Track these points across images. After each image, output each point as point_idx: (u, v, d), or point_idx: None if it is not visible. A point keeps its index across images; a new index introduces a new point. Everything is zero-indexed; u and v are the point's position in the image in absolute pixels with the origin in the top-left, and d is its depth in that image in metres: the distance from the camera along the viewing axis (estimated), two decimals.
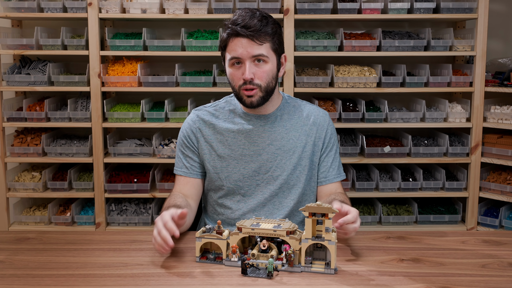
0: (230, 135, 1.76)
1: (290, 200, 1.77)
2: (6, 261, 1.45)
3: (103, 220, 2.97)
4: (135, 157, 2.97)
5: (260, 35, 1.63)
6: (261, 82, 1.66)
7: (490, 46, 3.17)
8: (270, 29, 1.66)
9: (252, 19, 1.63)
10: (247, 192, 1.77)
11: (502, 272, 1.39)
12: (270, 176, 1.76)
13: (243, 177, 1.76)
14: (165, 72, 3.16)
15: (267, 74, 1.67)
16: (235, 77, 1.68)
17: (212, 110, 1.82)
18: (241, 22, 1.63)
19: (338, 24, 3.19)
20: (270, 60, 1.67)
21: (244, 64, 1.65)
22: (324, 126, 1.81)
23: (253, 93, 1.66)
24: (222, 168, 1.77)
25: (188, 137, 1.80)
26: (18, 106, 3.05)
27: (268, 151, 1.75)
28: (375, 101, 3.14)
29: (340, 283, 1.31)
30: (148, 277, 1.34)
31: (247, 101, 1.68)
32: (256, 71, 1.65)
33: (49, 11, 2.88)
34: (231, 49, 1.65)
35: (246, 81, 1.64)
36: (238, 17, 1.65)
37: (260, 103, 1.69)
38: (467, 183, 3.00)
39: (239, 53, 1.64)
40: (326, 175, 1.81)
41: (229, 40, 1.66)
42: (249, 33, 1.62)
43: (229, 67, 1.69)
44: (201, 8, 2.87)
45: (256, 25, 1.63)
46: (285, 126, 1.78)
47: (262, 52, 1.64)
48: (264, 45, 1.64)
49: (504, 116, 2.89)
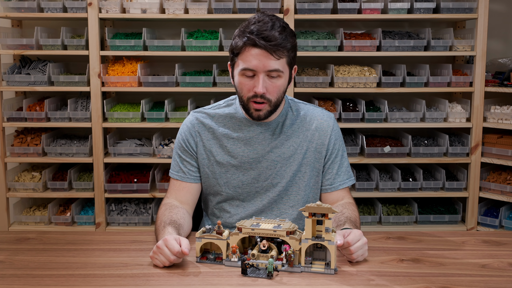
0: (229, 141, 1.72)
1: (289, 208, 1.75)
2: (6, 261, 1.45)
3: (103, 220, 2.97)
4: (135, 157, 2.97)
5: (278, 50, 1.55)
6: (272, 97, 1.60)
7: (490, 46, 3.16)
8: (290, 44, 1.58)
9: (272, 31, 1.54)
10: (246, 198, 1.74)
11: (502, 272, 1.39)
12: (270, 184, 1.72)
13: (242, 184, 1.73)
14: (165, 72, 3.16)
15: (279, 90, 1.61)
16: (244, 88, 1.60)
17: (212, 113, 1.75)
18: (261, 32, 1.54)
19: (338, 24, 3.19)
20: (283, 75, 1.60)
21: (257, 77, 1.57)
22: (328, 132, 1.74)
23: (262, 107, 1.61)
24: (221, 174, 1.73)
25: (186, 140, 1.75)
26: (18, 106, 3.05)
27: (268, 158, 1.71)
28: (375, 101, 3.14)
29: (340, 283, 1.31)
30: (148, 277, 1.34)
31: (254, 114, 1.63)
32: (269, 86, 1.58)
33: (49, 11, 2.88)
34: (246, 59, 1.57)
35: (258, 95, 1.58)
36: (256, 25, 1.56)
37: (267, 116, 1.65)
38: (467, 183, 3.00)
39: (253, 65, 1.56)
40: (332, 182, 1.75)
41: (244, 48, 1.57)
42: (269, 46, 1.54)
43: (239, 75, 1.61)
44: (201, 8, 2.87)
45: (277, 39, 1.54)
46: (286, 133, 1.73)
47: (278, 67, 1.57)
48: (281, 59, 1.57)
49: (504, 116, 2.89)
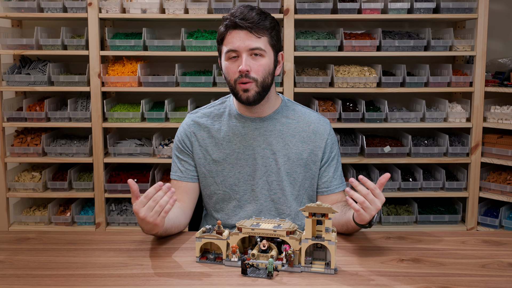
0: (225, 138, 1.74)
1: (286, 207, 1.75)
2: (6, 261, 1.45)
3: (103, 220, 2.97)
4: (135, 157, 2.97)
5: (258, 28, 1.62)
6: (257, 76, 1.64)
7: (490, 46, 3.16)
8: (269, 23, 1.65)
9: (251, 13, 1.63)
10: (242, 197, 1.75)
11: (502, 272, 1.38)
12: (265, 181, 1.74)
13: (238, 181, 1.74)
14: (165, 72, 3.16)
15: (264, 68, 1.65)
16: (230, 71, 1.65)
17: (207, 112, 1.80)
18: (239, 14, 1.63)
19: (338, 24, 3.19)
20: (267, 55, 1.65)
21: (240, 57, 1.63)
22: (324, 136, 1.77)
23: (248, 87, 1.64)
24: (217, 172, 1.75)
25: (182, 141, 1.79)
26: (18, 106, 3.05)
27: (263, 155, 1.73)
28: (375, 101, 3.14)
29: (340, 283, 1.31)
30: (148, 277, 1.34)
31: (243, 96, 1.66)
32: (253, 64, 1.63)
33: (49, 11, 2.88)
34: (228, 42, 1.64)
35: (242, 74, 1.62)
36: (236, 10, 1.65)
37: (257, 99, 1.66)
38: (467, 183, 3.00)
39: (236, 46, 1.62)
40: (329, 185, 1.78)
41: (226, 32, 1.65)
42: (248, 24, 1.61)
43: (225, 60, 1.66)
44: (201, 8, 2.87)
45: (255, 18, 1.62)
46: (282, 130, 1.75)
47: (259, 45, 1.63)
48: (261, 38, 1.63)
49: (504, 116, 2.89)
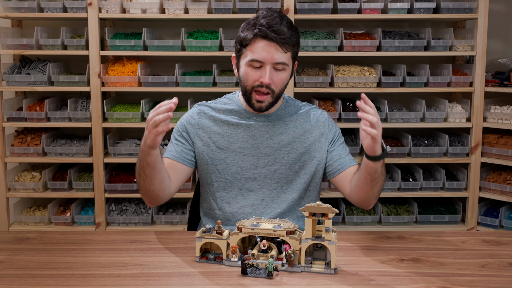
0: (230, 127, 1.77)
1: (288, 195, 1.77)
2: (6, 261, 1.45)
3: (103, 220, 2.97)
4: (135, 157, 2.94)
5: (287, 43, 1.64)
6: (275, 88, 1.68)
7: (490, 46, 3.16)
8: (295, 39, 1.68)
9: (281, 26, 1.63)
10: (244, 185, 1.77)
11: (502, 272, 1.39)
12: (268, 170, 1.76)
13: (241, 169, 1.76)
14: (165, 72, 3.16)
15: (283, 82, 1.69)
16: (250, 78, 1.67)
17: (213, 106, 1.83)
18: (271, 26, 1.62)
19: (338, 24, 3.19)
20: (288, 68, 1.69)
21: (264, 68, 1.65)
22: (326, 123, 1.82)
23: (264, 99, 1.68)
24: (220, 160, 1.77)
25: (185, 127, 1.80)
26: (18, 106, 3.05)
27: (266, 145, 1.76)
28: (375, 101, 3.13)
29: (340, 283, 1.31)
30: (148, 277, 1.34)
31: (256, 105, 1.71)
32: (274, 77, 1.66)
33: (49, 11, 2.88)
34: (254, 50, 1.64)
35: (263, 85, 1.66)
36: (266, 19, 1.64)
37: (268, 108, 1.73)
38: (467, 183, 3.00)
39: (262, 56, 1.63)
40: (342, 162, 1.78)
41: (254, 40, 1.64)
42: (279, 39, 1.62)
43: (246, 66, 1.67)
44: (201, 8, 2.87)
45: (286, 33, 1.63)
46: (285, 122, 1.79)
47: (284, 60, 1.65)
48: (287, 53, 1.66)
49: (504, 116, 2.89)
